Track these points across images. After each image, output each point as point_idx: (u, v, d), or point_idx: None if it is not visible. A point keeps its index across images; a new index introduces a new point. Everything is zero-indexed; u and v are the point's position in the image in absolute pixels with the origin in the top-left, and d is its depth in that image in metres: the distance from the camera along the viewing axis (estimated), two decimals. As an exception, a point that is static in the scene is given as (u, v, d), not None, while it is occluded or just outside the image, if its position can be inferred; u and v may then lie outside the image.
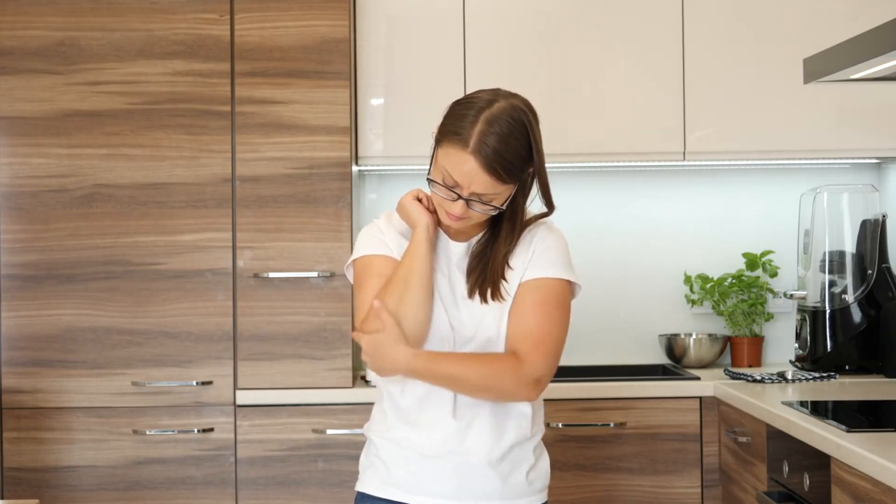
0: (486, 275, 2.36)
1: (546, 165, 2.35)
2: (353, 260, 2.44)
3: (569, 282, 2.38)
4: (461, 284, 2.39)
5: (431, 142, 2.34)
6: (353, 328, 2.42)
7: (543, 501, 2.45)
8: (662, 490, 3.65)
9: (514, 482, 2.38)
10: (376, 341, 2.26)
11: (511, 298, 2.37)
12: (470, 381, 2.30)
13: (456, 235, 2.42)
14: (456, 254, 2.41)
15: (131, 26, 3.65)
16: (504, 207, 2.32)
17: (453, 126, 2.28)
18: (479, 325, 2.36)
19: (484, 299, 2.36)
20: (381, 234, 2.43)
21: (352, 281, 2.46)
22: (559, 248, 2.40)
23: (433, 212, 2.38)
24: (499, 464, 2.36)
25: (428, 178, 2.33)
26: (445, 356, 2.33)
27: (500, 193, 2.29)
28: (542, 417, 2.46)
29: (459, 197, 2.28)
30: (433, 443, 2.36)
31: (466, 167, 2.25)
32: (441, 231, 2.42)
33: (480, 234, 2.42)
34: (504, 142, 2.25)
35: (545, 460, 2.46)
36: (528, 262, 2.37)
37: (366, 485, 2.44)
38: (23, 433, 3.63)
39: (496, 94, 2.32)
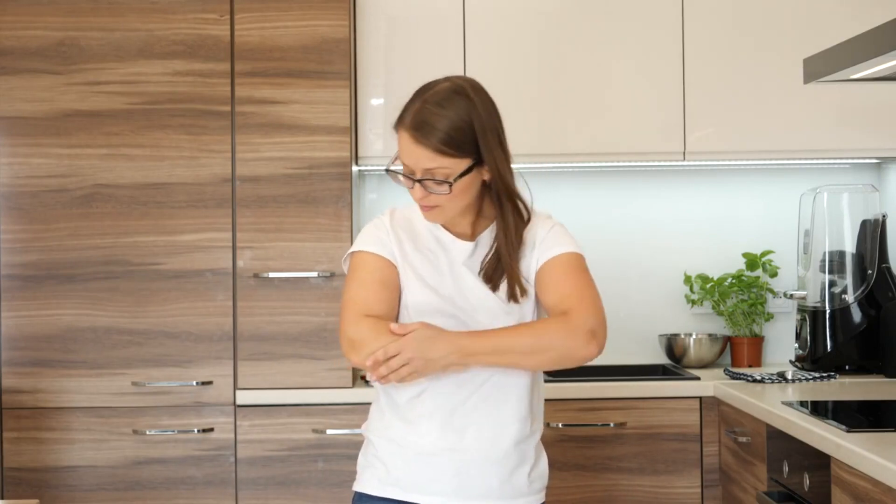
0: (501, 273, 2.36)
1: (514, 166, 2.36)
2: (351, 253, 2.44)
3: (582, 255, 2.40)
4: (470, 281, 2.38)
5: None
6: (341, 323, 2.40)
7: (542, 502, 2.45)
8: (662, 490, 3.65)
9: (515, 481, 2.38)
10: (418, 336, 2.24)
11: (529, 296, 2.38)
12: (523, 347, 2.28)
13: (462, 235, 2.41)
14: (462, 252, 2.40)
15: (131, 26, 3.65)
16: (454, 181, 2.29)
17: (401, 112, 2.32)
18: (495, 322, 2.35)
19: (502, 293, 2.36)
20: (384, 234, 2.42)
21: (346, 272, 2.45)
22: (565, 234, 2.41)
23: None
24: (499, 462, 2.36)
25: (385, 169, 2.36)
26: (491, 330, 2.31)
27: (448, 168, 2.28)
28: (541, 415, 2.45)
29: (414, 180, 2.30)
30: (431, 440, 2.35)
31: (405, 143, 2.29)
32: (446, 230, 2.41)
33: (486, 232, 2.41)
34: (438, 114, 2.27)
35: (544, 460, 2.46)
36: (539, 249, 2.38)
37: (364, 485, 2.43)
38: (23, 433, 3.63)
39: (447, 78, 2.35)
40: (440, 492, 2.35)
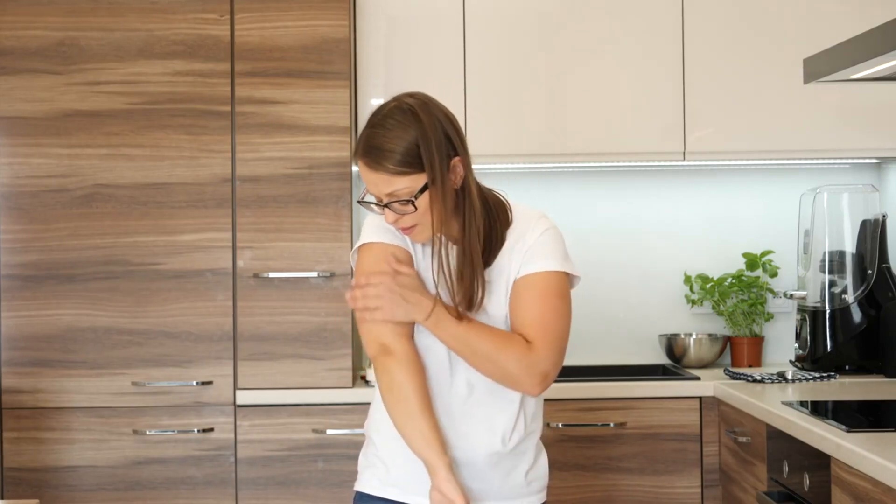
0: (470, 282, 2.31)
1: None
2: (364, 244, 2.37)
3: (566, 273, 2.34)
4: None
5: None
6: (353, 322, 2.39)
7: (542, 502, 2.44)
8: (662, 490, 3.65)
9: (513, 482, 2.38)
10: (406, 282, 2.25)
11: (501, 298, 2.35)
12: (480, 350, 2.27)
13: (453, 238, 2.39)
14: (453, 255, 2.38)
15: (131, 26, 3.65)
16: (415, 199, 2.25)
17: (356, 142, 2.31)
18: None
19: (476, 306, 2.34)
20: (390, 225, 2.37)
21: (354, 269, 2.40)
22: (554, 241, 2.35)
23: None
24: (496, 463, 2.35)
25: (358, 201, 2.35)
26: (467, 319, 2.28)
27: (408, 187, 2.25)
28: (541, 415, 2.44)
29: (382, 206, 2.28)
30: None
31: (362, 171, 2.28)
32: (443, 236, 2.40)
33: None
34: (384, 136, 2.24)
35: (544, 460, 2.45)
36: (524, 258, 2.34)
37: (364, 484, 2.43)
38: (23, 433, 3.63)
39: (394, 98, 2.32)
40: (441, 492, 2.35)
